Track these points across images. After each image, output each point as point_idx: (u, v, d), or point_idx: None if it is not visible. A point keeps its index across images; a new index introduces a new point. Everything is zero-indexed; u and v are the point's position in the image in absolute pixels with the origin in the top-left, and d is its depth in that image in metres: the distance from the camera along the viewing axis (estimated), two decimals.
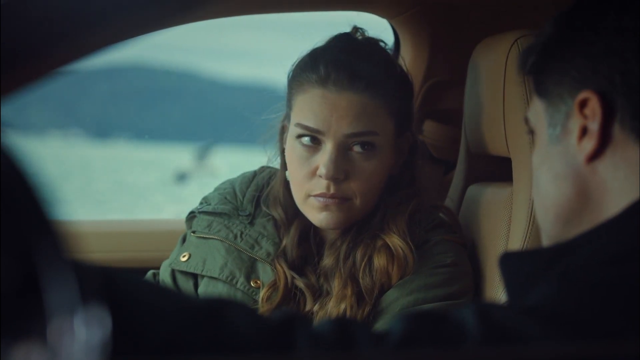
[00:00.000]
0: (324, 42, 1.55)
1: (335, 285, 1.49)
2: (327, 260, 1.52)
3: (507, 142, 1.56)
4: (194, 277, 1.60)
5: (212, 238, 1.59)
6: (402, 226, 1.50)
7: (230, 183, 1.67)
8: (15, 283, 0.49)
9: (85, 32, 0.71)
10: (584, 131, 0.86)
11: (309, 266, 1.55)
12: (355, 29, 1.59)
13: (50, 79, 0.71)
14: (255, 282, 1.54)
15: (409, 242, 1.48)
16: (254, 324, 0.71)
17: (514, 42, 1.54)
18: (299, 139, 1.49)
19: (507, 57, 1.54)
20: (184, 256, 1.60)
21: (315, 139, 1.48)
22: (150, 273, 1.66)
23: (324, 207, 1.48)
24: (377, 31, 1.62)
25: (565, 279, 0.78)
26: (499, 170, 1.66)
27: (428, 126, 1.92)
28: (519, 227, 1.50)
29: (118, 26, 0.73)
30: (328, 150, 1.47)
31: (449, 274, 1.48)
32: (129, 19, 0.73)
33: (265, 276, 1.54)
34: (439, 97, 1.94)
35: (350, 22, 1.60)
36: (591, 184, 0.86)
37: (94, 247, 1.95)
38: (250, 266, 1.56)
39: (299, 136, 1.49)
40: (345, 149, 1.47)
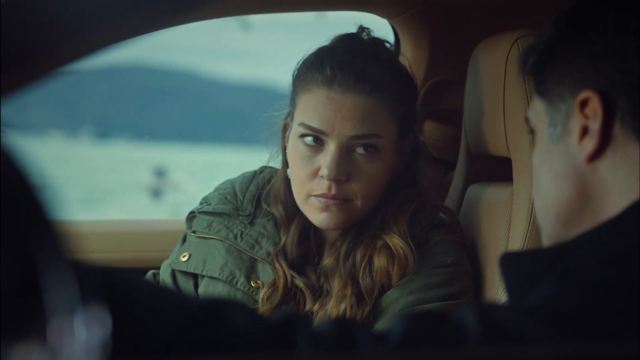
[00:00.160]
0: (330, 42, 1.55)
1: (335, 285, 1.49)
2: (327, 260, 1.52)
3: (507, 142, 1.56)
4: (194, 277, 1.60)
5: (212, 238, 1.59)
6: (403, 226, 1.49)
7: (231, 183, 1.67)
8: (15, 283, 0.49)
9: (85, 32, 0.71)
10: (584, 131, 0.86)
11: (309, 265, 1.54)
12: (361, 28, 1.58)
13: (50, 79, 0.71)
14: (256, 282, 1.54)
15: (409, 242, 1.48)
16: (254, 324, 0.71)
17: (514, 42, 1.54)
18: (302, 138, 1.49)
19: (507, 57, 1.54)
20: (184, 256, 1.60)
21: (318, 139, 1.48)
22: (150, 273, 1.66)
23: (325, 208, 1.47)
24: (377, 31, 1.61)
25: (565, 279, 0.78)
26: (499, 170, 1.66)
27: (428, 126, 1.92)
28: (519, 227, 1.50)
29: (118, 26, 0.73)
30: (331, 151, 1.46)
31: (449, 274, 1.48)
32: (128, 19, 0.73)
33: (265, 276, 1.54)
34: (439, 97, 1.94)
35: (348, 22, 1.60)
36: (591, 184, 0.86)
37: (94, 247, 1.95)
38: (251, 266, 1.56)
39: (302, 135, 1.49)
40: (348, 150, 1.47)
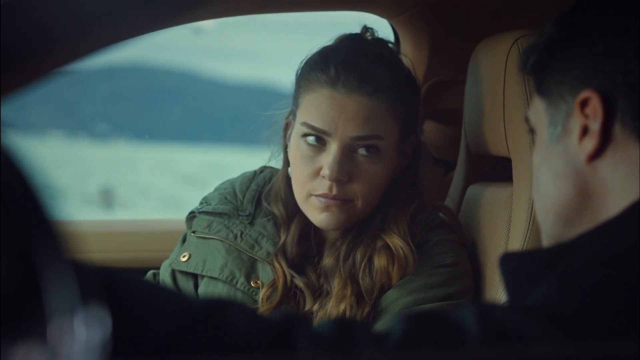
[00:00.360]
0: (335, 42, 1.55)
1: (335, 286, 1.49)
2: (327, 260, 1.52)
3: (507, 142, 1.56)
4: (194, 277, 1.60)
5: (212, 238, 1.59)
6: (403, 226, 1.49)
7: (231, 183, 1.67)
8: (15, 283, 0.49)
9: (85, 32, 0.71)
10: (584, 131, 0.86)
11: (308, 265, 1.54)
12: (365, 28, 1.58)
13: (50, 79, 0.71)
14: (255, 282, 1.54)
15: (409, 242, 1.48)
16: (254, 324, 0.71)
17: (514, 42, 1.54)
18: (304, 138, 1.49)
19: (507, 57, 1.54)
20: (184, 256, 1.60)
21: (320, 139, 1.48)
22: (150, 273, 1.66)
23: (325, 208, 1.47)
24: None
25: (565, 279, 0.78)
26: (499, 170, 1.66)
27: (428, 126, 1.92)
28: (519, 227, 1.50)
29: (118, 26, 0.73)
30: (333, 151, 1.46)
31: (449, 274, 1.48)
32: (128, 19, 0.73)
33: (265, 276, 1.54)
34: (439, 97, 1.93)
35: (347, 22, 1.60)
36: (592, 184, 0.86)
37: (94, 247, 1.95)
38: (250, 266, 1.56)
39: (304, 135, 1.49)
40: (350, 151, 1.47)
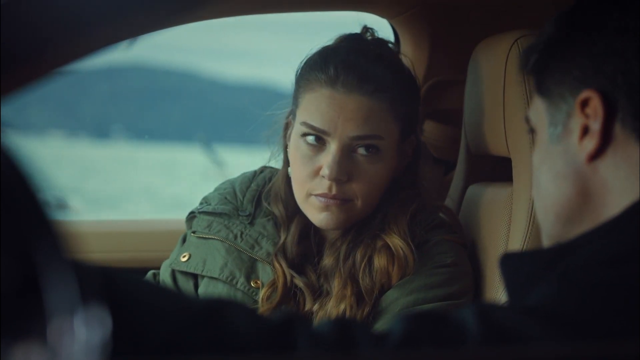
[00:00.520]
0: (334, 42, 1.55)
1: (335, 286, 1.49)
2: (327, 260, 1.52)
3: (507, 142, 1.56)
4: (194, 278, 1.60)
5: (212, 238, 1.59)
6: (403, 227, 1.49)
7: (231, 183, 1.67)
8: (15, 283, 0.49)
9: (85, 32, 0.71)
10: (585, 130, 0.86)
11: (308, 265, 1.54)
12: (366, 29, 1.58)
13: (50, 79, 0.71)
14: (255, 282, 1.54)
15: (409, 242, 1.48)
16: (254, 324, 0.71)
17: (514, 42, 1.54)
18: (304, 138, 1.49)
19: (507, 57, 1.54)
20: (184, 256, 1.60)
21: (320, 139, 1.48)
22: (150, 273, 1.66)
23: (325, 207, 1.47)
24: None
25: (565, 279, 0.78)
26: (499, 170, 1.66)
27: (428, 126, 1.92)
28: (519, 227, 1.50)
29: (118, 26, 0.73)
30: (332, 151, 1.46)
31: (449, 274, 1.48)
32: (128, 19, 0.73)
33: (265, 276, 1.54)
34: (439, 97, 1.93)
35: (347, 22, 1.60)
36: (592, 184, 0.86)
37: (94, 247, 1.95)
38: (251, 266, 1.56)
39: (303, 135, 1.49)
40: (349, 150, 1.47)
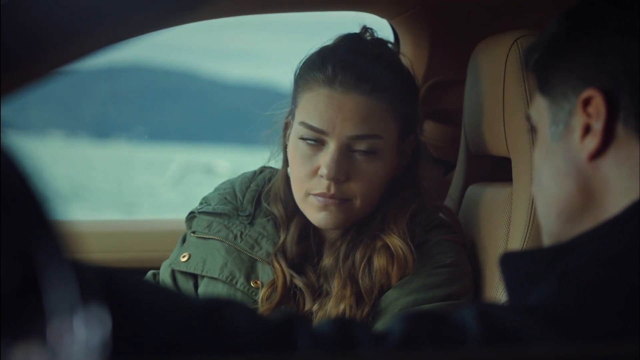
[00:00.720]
0: (333, 42, 1.55)
1: (334, 286, 1.49)
2: (327, 260, 1.52)
3: (507, 142, 1.56)
4: (194, 278, 1.60)
5: (212, 238, 1.59)
6: (403, 227, 1.49)
7: (230, 183, 1.67)
8: (15, 283, 0.49)
9: (85, 32, 0.71)
10: (587, 129, 0.86)
11: (308, 265, 1.54)
12: (365, 29, 1.58)
13: (50, 79, 0.71)
14: (255, 283, 1.54)
15: (409, 242, 1.48)
16: (253, 324, 0.71)
17: (514, 42, 1.54)
18: (303, 138, 1.49)
19: (507, 57, 1.54)
20: (184, 256, 1.60)
21: (318, 139, 1.48)
22: (150, 273, 1.66)
23: (324, 207, 1.47)
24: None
25: (565, 279, 0.78)
26: (498, 170, 1.66)
27: (428, 126, 1.92)
28: (519, 227, 1.50)
29: (118, 26, 0.73)
30: (331, 150, 1.46)
31: (448, 274, 1.48)
32: (128, 19, 0.73)
33: (265, 276, 1.54)
34: (439, 97, 1.94)
35: (347, 22, 1.60)
36: (593, 182, 0.86)
37: (94, 247, 1.95)
38: (250, 266, 1.56)
39: (302, 134, 1.49)
40: (348, 150, 1.47)
